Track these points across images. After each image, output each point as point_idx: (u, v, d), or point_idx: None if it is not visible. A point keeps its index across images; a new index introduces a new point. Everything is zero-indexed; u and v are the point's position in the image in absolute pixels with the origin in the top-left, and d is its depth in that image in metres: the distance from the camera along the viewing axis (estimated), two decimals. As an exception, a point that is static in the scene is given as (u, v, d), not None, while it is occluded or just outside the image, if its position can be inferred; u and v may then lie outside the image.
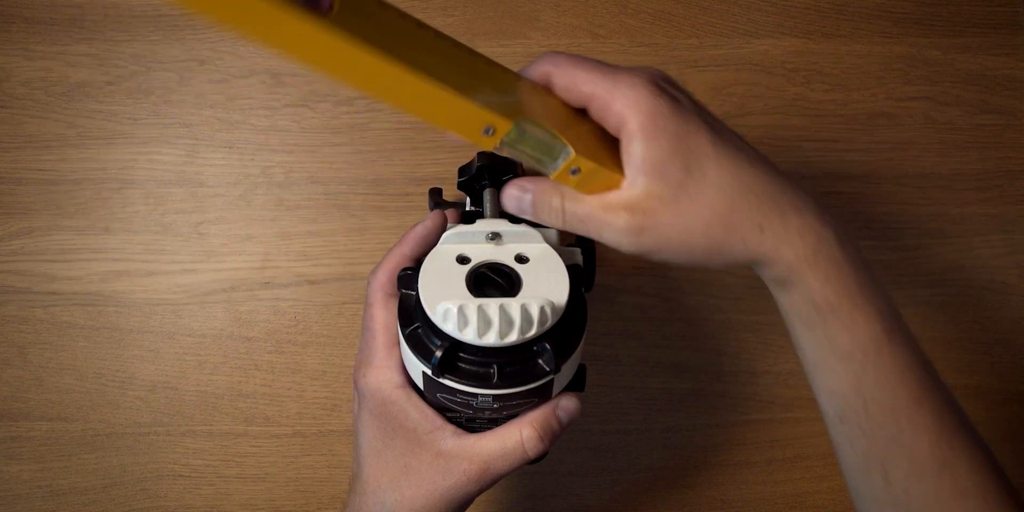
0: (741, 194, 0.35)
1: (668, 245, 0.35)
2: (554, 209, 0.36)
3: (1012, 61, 0.63)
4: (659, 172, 0.34)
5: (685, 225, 0.34)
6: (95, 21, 0.60)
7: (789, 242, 0.35)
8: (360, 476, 0.40)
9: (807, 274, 0.35)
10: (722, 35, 0.62)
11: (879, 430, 0.36)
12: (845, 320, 0.35)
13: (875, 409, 0.36)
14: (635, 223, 0.34)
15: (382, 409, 0.40)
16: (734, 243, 0.35)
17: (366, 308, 0.41)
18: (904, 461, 0.36)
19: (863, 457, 0.37)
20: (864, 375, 0.36)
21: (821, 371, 0.37)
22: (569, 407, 0.40)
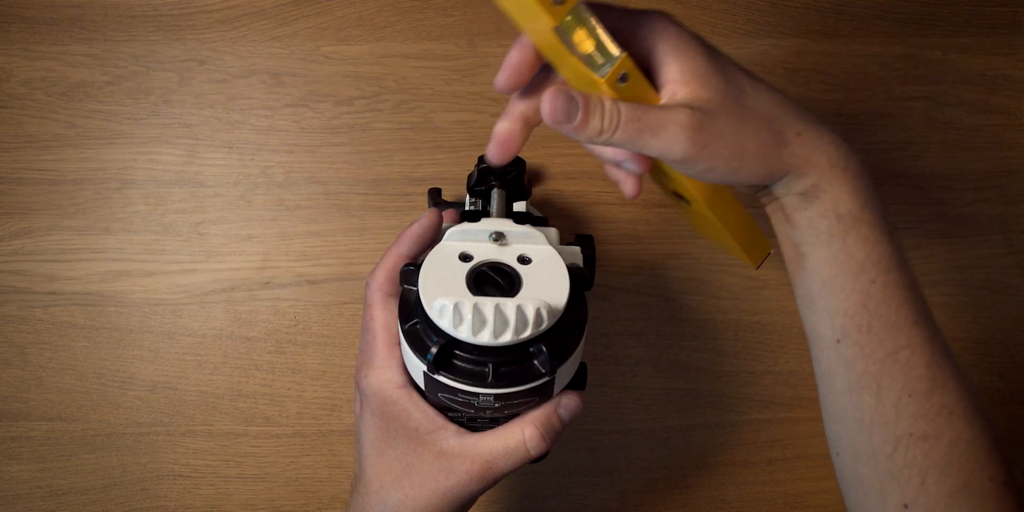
0: (778, 105, 0.37)
1: (722, 145, 0.35)
2: (608, 112, 0.34)
3: (1012, 61, 0.63)
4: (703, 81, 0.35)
5: (738, 125, 0.35)
6: (95, 21, 0.60)
7: (824, 150, 0.37)
8: (363, 476, 0.40)
9: (837, 182, 0.37)
10: (722, 35, 0.62)
11: (879, 347, 0.38)
12: (864, 232, 0.37)
13: (878, 325, 0.37)
14: (696, 119, 0.34)
15: (384, 409, 0.40)
16: (778, 147, 0.36)
17: (365, 309, 0.41)
18: (900, 378, 0.38)
19: (858, 376, 0.38)
20: (873, 290, 0.37)
21: (830, 289, 0.38)
22: (570, 405, 0.40)
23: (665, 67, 0.35)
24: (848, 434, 0.40)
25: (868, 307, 0.37)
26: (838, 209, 0.37)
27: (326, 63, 0.60)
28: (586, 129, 0.34)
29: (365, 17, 0.61)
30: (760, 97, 0.37)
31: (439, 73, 0.61)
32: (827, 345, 0.39)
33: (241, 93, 0.60)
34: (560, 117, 0.34)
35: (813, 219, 0.38)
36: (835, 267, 0.38)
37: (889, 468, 0.38)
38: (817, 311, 0.39)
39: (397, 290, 0.41)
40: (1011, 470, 0.38)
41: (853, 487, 0.40)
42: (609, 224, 0.60)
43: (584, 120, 0.34)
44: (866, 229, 0.37)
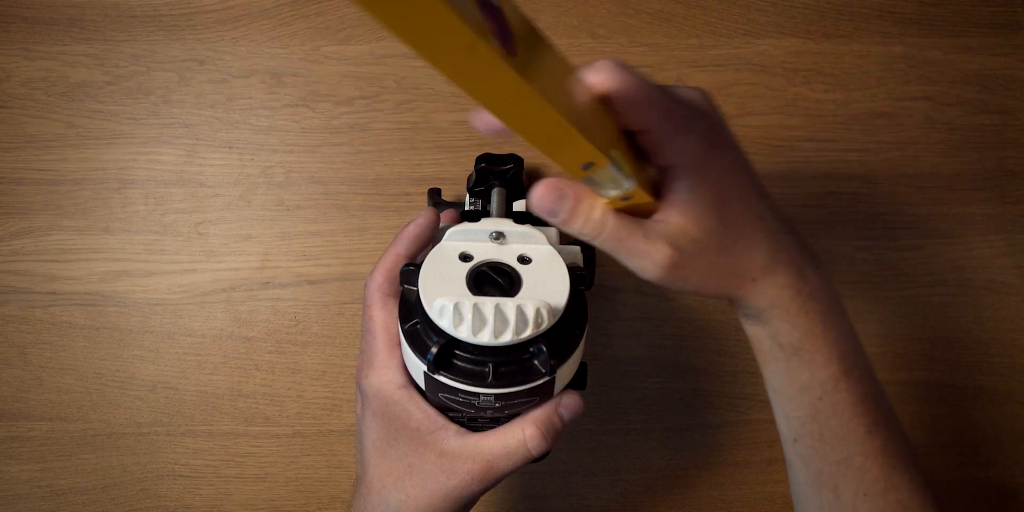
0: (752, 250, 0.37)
1: (686, 283, 0.36)
2: (593, 222, 0.34)
3: (1012, 61, 0.63)
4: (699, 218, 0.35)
5: (713, 264, 0.36)
6: (95, 21, 0.60)
7: (768, 294, 0.38)
8: (364, 477, 0.40)
9: (776, 319, 0.38)
10: (722, 35, 0.62)
11: (832, 453, 0.39)
12: (806, 359, 0.38)
13: (829, 436, 0.39)
14: (674, 259, 0.35)
15: (385, 409, 0.40)
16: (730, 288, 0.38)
17: (364, 309, 0.41)
18: (854, 481, 0.39)
19: (815, 474, 0.40)
20: (820, 406, 0.39)
21: (781, 397, 0.40)
22: (571, 405, 0.40)
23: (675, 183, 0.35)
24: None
25: (818, 420, 0.39)
26: (779, 339, 0.39)
27: (326, 63, 0.60)
28: (568, 227, 0.35)
29: (365, 17, 0.61)
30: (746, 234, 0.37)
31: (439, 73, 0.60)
32: (786, 441, 0.41)
33: (241, 93, 0.60)
34: (546, 211, 0.34)
35: (759, 337, 0.40)
36: (783, 381, 0.40)
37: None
38: (775, 409, 0.41)
39: (396, 290, 0.41)
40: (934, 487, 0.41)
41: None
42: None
43: (567, 220, 0.34)
44: (808, 355, 0.38)
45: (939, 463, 0.58)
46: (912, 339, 0.59)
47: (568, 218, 0.34)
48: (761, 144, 0.61)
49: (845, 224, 0.60)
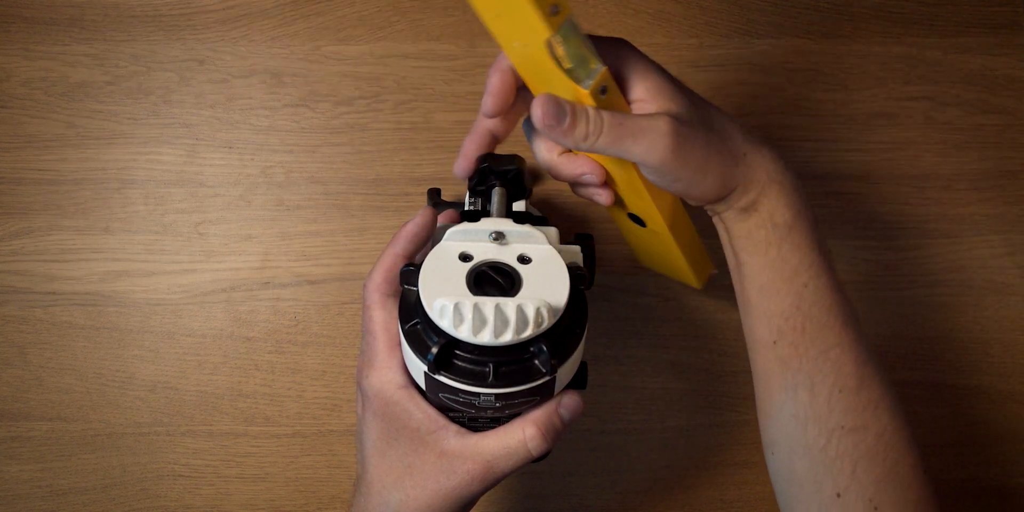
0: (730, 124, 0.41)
1: (693, 156, 0.38)
2: (592, 119, 0.36)
3: (1012, 61, 0.63)
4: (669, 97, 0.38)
5: (705, 139, 0.39)
6: (95, 21, 0.60)
7: (765, 167, 0.41)
8: (364, 477, 0.41)
9: (774, 195, 0.41)
10: (722, 35, 0.62)
11: (812, 346, 0.41)
12: (797, 240, 0.41)
13: (811, 327, 0.41)
14: (675, 127, 0.37)
15: (385, 410, 0.40)
16: (732, 165, 0.40)
17: (364, 310, 0.41)
18: (831, 375, 0.41)
19: (793, 374, 0.41)
20: (806, 293, 0.41)
21: (766, 294, 0.42)
22: (571, 405, 0.40)
23: (632, 85, 0.39)
24: (784, 431, 0.42)
25: (802, 309, 0.41)
26: (774, 219, 0.41)
27: (326, 63, 0.60)
28: (573, 133, 0.37)
29: (365, 17, 0.61)
30: (714, 115, 0.40)
31: (439, 73, 0.61)
32: (764, 345, 0.43)
33: (241, 93, 0.60)
34: (551, 120, 0.36)
35: (751, 230, 0.41)
36: (771, 273, 0.41)
37: (823, 459, 0.41)
38: (755, 315, 0.43)
39: (395, 290, 0.41)
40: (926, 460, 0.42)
41: (787, 482, 0.43)
42: (609, 224, 0.60)
43: (571, 124, 0.36)
44: (799, 237, 0.41)
45: (939, 463, 0.58)
46: (912, 339, 0.59)
47: (572, 121, 0.36)
48: (761, 144, 0.61)
49: (845, 224, 0.60)
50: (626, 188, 0.44)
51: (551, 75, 0.36)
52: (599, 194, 0.43)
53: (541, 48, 0.35)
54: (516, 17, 0.34)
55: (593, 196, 0.44)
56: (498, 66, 0.39)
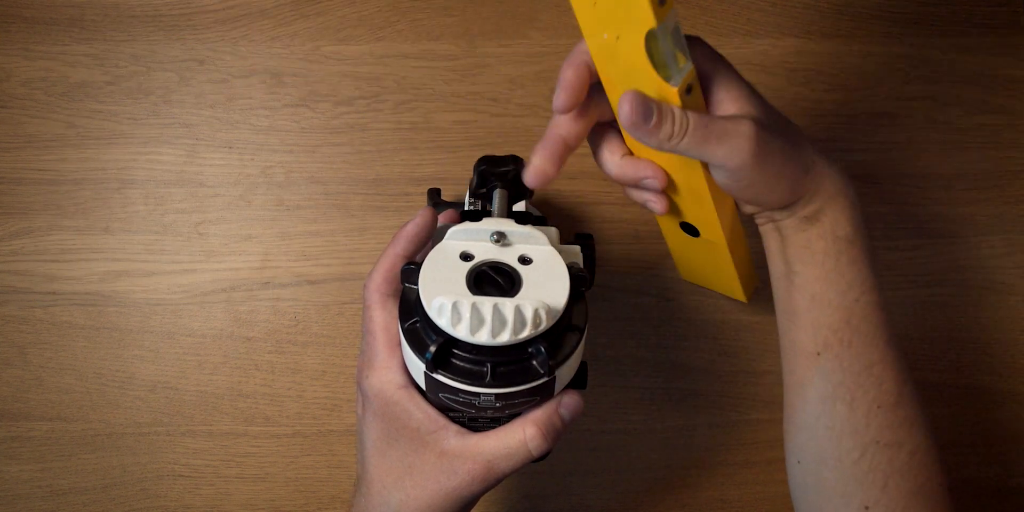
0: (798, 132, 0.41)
1: (771, 162, 0.38)
2: (679, 119, 0.36)
3: (1012, 61, 0.63)
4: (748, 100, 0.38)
5: (783, 146, 0.38)
6: (95, 21, 0.60)
7: (831, 178, 0.41)
8: (365, 477, 0.41)
9: (838, 208, 0.41)
10: (722, 35, 0.62)
11: (856, 361, 0.41)
12: (855, 255, 0.41)
13: (857, 341, 0.41)
14: (758, 131, 0.37)
15: (385, 410, 0.40)
16: (803, 173, 0.40)
17: (364, 310, 0.41)
18: (872, 391, 0.41)
19: (834, 387, 0.41)
20: (856, 308, 0.41)
21: (818, 305, 0.41)
22: (571, 405, 0.40)
23: (713, 86, 0.39)
24: (815, 441, 0.42)
25: (851, 323, 0.41)
26: (836, 232, 0.41)
27: (326, 63, 0.60)
28: (658, 132, 0.36)
29: (365, 17, 0.61)
30: (788, 124, 0.40)
31: (439, 73, 0.61)
32: (807, 356, 0.42)
33: (241, 93, 0.60)
34: (638, 118, 0.36)
35: (811, 240, 0.41)
36: (825, 284, 0.41)
37: (854, 472, 0.41)
38: (801, 325, 0.42)
39: (395, 290, 0.41)
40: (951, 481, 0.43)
41: (814, 492, 0.43)
42: (609, 224, 0.60)
43: (658, 123, 0.36)
44: (857, 252, 0.41)
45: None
46: (912, 339, 0.59)
47: (658, 119, 0.36)
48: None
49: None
50: (686, 194, 0.43)
51: (637, 70, 0.36)
52: (655, 201, 0.43)
53: (638, 40, 0.34)
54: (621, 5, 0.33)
55: (647, 203, 0.43)
56: (573, 60, 0.38)
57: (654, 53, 0.35)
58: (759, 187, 0.39)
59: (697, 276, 0.54)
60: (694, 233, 0.47)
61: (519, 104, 0.61)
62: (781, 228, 0.42)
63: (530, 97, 0.61)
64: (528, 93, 0.61)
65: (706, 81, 0.39)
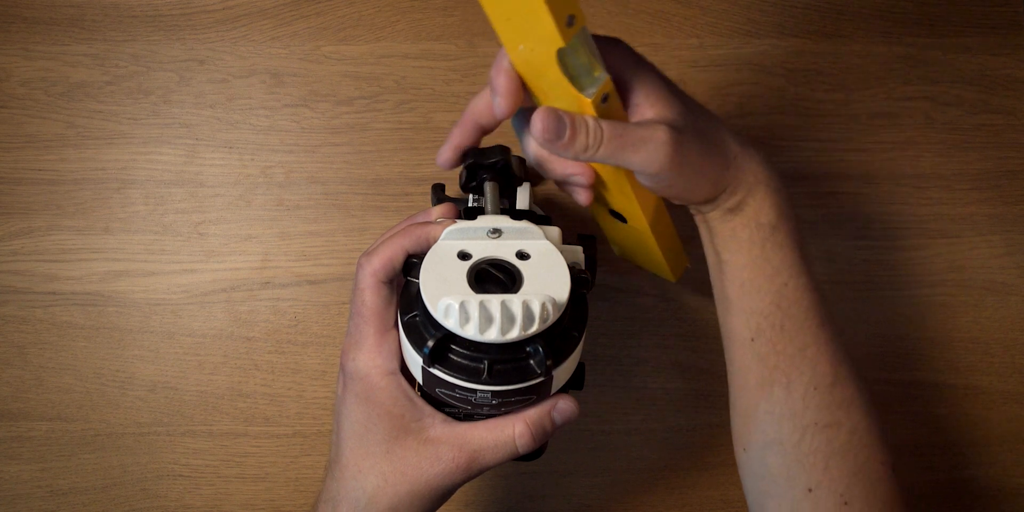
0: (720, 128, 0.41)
1: (689, 163, 0.38)
2: (592, 130, 0.36)
3: (1012, 61, 0.63)
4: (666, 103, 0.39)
5: (700, 146, 0.39)
6: (95, 21, 0.60)
7: (752, 170, 0.41)
8: (339, 460, 0.40)
9: (759, 196, 0.41)
10: (722, 35, 0.62)
11: (789, 344, 0.42)
12: (780, 240, 0.42)
13: (789, 325, 0.42)
14: (673, 137, 0.37)
15: (369, 394, 0.39)
16: (724, 169, 0.41)
17: (356, 292, 0.40)
18: (807, 373, 0.42)
19: (769, 371, 0.42)
20: (786, 292, 0.42)
21: (747, 291, 0.42)
22: (566, 411, 0.40)
23: (630, 90, 0.39)
24: (758, 427, 0.43)
25: (781, 307, 0.42)
26: (759, 219, 0.41)
27: (326, 63, 0.60)
28: (573, 146, 0.37)
29: (365, 17, 0.61)
30: (707, 120, 0.41)
31: (439, 73, 0.61)
32: (742, 343, 0.43)
33: (241, 93, 0.60)
34: (551, 135, 0.36)
35: (736, 229, 0.42)
36: (753, 271, 0.42)
37: (796, 455, 0.42)
38: (734, 312, 0.43)
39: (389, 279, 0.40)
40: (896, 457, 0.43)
41: (759, 477, 0.44)
42: (609, 224, 0.60)
43: (571, 137, 0.36)
44: (782, 237, 0.42)
45: (939, 463, 0.58)
46: (912, 339, 0.59)
47: (572, 134, 0.36)
48: (761, 144, 0.61)
49: (845, 224, 0.60)
50: (613, 188, 0.44)
51: (554, 80, 0.36)
52: (580, 193, 0.43)
53: (550, 56, 0.35)
54: (529, 24, 0.34)
55: (574, 194, 0.44)
56: (501, 66, 0.39)
57: (567, 66, 0.36)
58: (680, 187, 0.40)
59: (629, 256, 0.56)
60: (622, 219, 0.48)
61: (519, 104, 0.60)
62: (708, 220, 0.43)
63: (530, 97, 0.61)
64: (528, 93, 0.61)
65: (625, 86, 0.39)
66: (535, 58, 0.36)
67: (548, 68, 0.36)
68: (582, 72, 0.36)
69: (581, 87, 0.36)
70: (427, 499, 0.39)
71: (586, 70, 0.36)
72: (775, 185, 0.42)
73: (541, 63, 0.36)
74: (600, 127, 0.37)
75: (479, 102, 0.42)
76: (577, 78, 0.36)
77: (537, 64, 0.36)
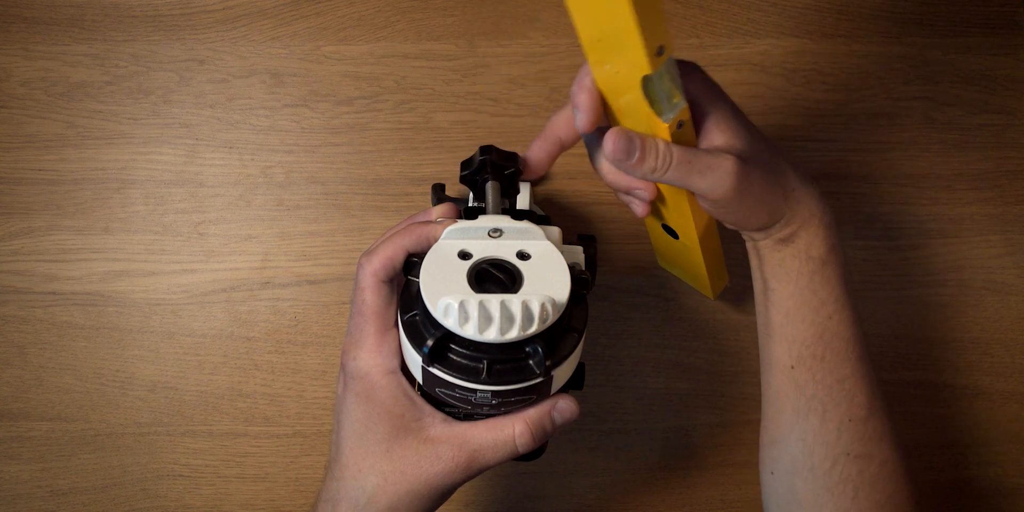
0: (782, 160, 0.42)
1: (751, 193, 0.40)
2: (662, 153, 0.38)
3: (1012, 61, 0.63)
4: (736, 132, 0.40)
5: (763, 177, 0.40)
6: (95, 21, 0.60)
7: (808, 204, 0.42)
8: (339, 459, 0.40)
9: (812, 229, 0.42)
10: (722, 35, 0.62)
11: (828, 375, 0.43)
12: (827, 275, 0.43)
13: (830, 356, 0.43)
14: (740, 166, 0.38)
15: (370, 393, 0.39)
16: (780, 201, 0.42)
17: (357, 291, 0.40)
18: (843, 404, 0.43)
19: (807, 400, 0.43)
20: (829, 325, 0.43)
21: (791, 320, 0.43)
22: (566, 412, 0.40)
23: (704, 117, 0.40)
24: (789, 452, 0.44)
25: (823, 339, 0.43)
26: (810, 252, 0.43)
27: (326, 63, 0.60)
28: (642, 167, 0.38)
29: (365, 17, 0.61)
30: (772, 153, 0.42)
31: (439, 73, 0.61)
32: (781, 369, 0.44)
33: (241, 93, 0.60)
34: (621, 155, 0.38)
35: (785, 259, 0.43)
36: (799, 301, 0.43)
37: (826, 483, 0.43)
38: (776, 339, 0.44)
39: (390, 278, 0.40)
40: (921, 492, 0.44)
41: (786, 502, 0.45)
42: (610, 224, 0.60)
43: (640, 159, 0.38)
44: (831, 271, 0.43)
45: (939, 463, 0.58)
46: (912, 339, 0.59)
47: (642, 155, 0.38)
48: (761, 144, 0.61)
49: (845, 224, 0.60)
50: (671, 206, 0.45)
51: (634, 102, 0.37)
52: (639, 206, 0.45)
53: (636, 79, 0.36)
54: (620, 48, 0.35)
55: (632, 205, 0.45)
56: (583, 84, 0.39)
57: (649, 92, 0.37)
58: (739, 214, 0.41)
59: (672, 268, 0.57)
60: (674, 235, 0.49)
61: (519, 104, 0.61)
62: (759, 248, 0.44)
63: (530, 97, 0.61)
64: (528, 93, 0.61)
65: (698, 112, 0.40)
66: (620, 80, 0.37)
67: (630, 91, 0.37)
68: (663, 98, 0.37)
69: (660, 112, 0.37)
70: (427, 498, 0.39)
71: (667, 96, 0.37)
72: (828, 220, 0.43)
73: (625, 85, 0.37)
74: (670, 151, 0.38)
75: (560, 117, 0.43)
76: (657, 103, 0.37)
77: (620, 85, 0.37)
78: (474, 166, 0.44)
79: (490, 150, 0.44)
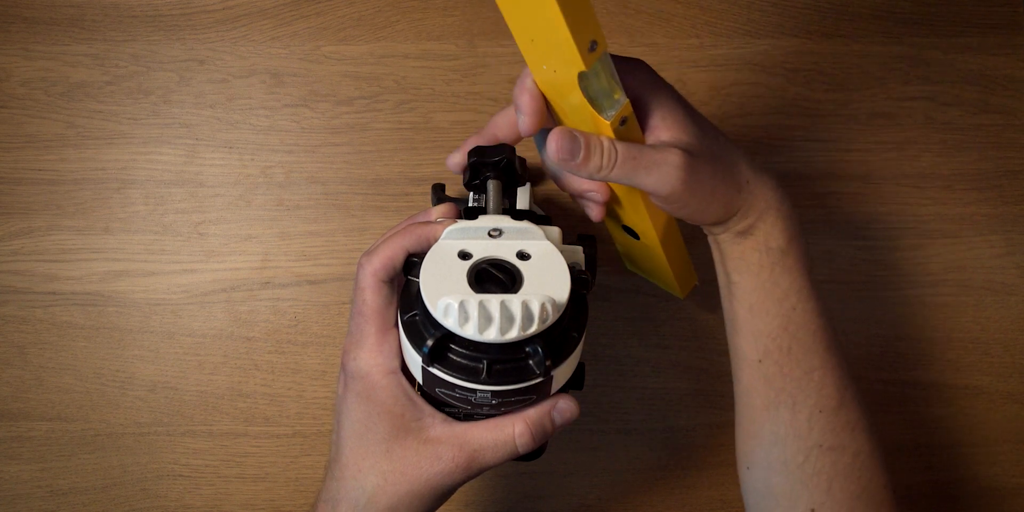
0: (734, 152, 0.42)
1: (701, 187, 0.39)
2: (607, 151, 0.37)
3: (1012, 61, 0.63)
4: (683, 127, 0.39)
5: (712, 170, 0.40)
6: (95, 21, 0.60)
7: (764, 195, 0.42)
8: (339, 459, 0.40)
9: (770, 221, 0.42)
10: (722, 35, 0.62)
11: (796, 367, 0.43)
12: (788, 266, 0.42)
13: (796, 348, 0.43)
14: (686, 160, 0.38)
15: (370, 393, 0.39)
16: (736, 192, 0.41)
17: (357, 291, 0.40)
18: (813, 396, 0.42)
19: (776, 393, 0.43)
20: (794, 316, 0.42)
21: (755, 313, 0.43)
22: (566, 412, 0.40)
23: (648, 112, 0.40)
24: (763, 447, 0.44)
25: (789, 330, 0.43)
26: (769, 244, 0.42)
27: (326, 63, 0.60)
28: (587, 166, 0.38)
29: (365, 17, 0.61)
30: (722, 145, 0.41)
31: (439, 73, 0.61)
32: (749, 363, 0.44)
33: (241, 93, 0.60)
34: (565, 155, 0.37)
35: (746, 252, 0.43)
36: (761, 294, 0.43)
37: (800, 476, 0.43)
38: (742, 333, 0.44)
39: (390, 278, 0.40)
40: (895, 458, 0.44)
41: (762, 496, 0.44)
42: (609, 224, 0.60)
43: (586, 158, 0.37)
44: (791, 262, 0.42)
45: (939, 463, 0.58)
46: (912, 339, 0.59)
47: (587, 154, 0.37)
48: (761, 144, 0.61)
49: (845, 224, 0.60)
50: (627, 206, 0.45)
51: (575, 102, 0.37)
52: (593, 208, 0.44)
53: (571, 78, 0.36)
54: (552, 47, 0.35)
55: (587, 209, 0.45)
56: (524, 85, 0.39)
57: (588, 89, 0.36)
58: (691, 208, 0.40)
59: (639, 270, 0.57)
60: (635, 236, 0.49)
61: (519, 104, 0.61)
62: (719, 241, 0.44)
63: (530, 97, 0.61)
64: (528, 93, 0.61)
65: (643, 108, 0.40)
66: (557, 79, 0.37)
67: (569, 90, 0.37)
68: (602, 95, 0.37)
69: (600, 109, 0.37)
70: (427, 499, 0.39)
71: (606, 93, 0.37)
72: (786, 211, 0.43)
73: (563, 84, 0.37)
74: (615, 148, 0.37)
75: (501, 118, 0.43)
76: (597, 100, 0.37)
77: (559, 85, 0.37)
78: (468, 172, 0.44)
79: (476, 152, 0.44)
